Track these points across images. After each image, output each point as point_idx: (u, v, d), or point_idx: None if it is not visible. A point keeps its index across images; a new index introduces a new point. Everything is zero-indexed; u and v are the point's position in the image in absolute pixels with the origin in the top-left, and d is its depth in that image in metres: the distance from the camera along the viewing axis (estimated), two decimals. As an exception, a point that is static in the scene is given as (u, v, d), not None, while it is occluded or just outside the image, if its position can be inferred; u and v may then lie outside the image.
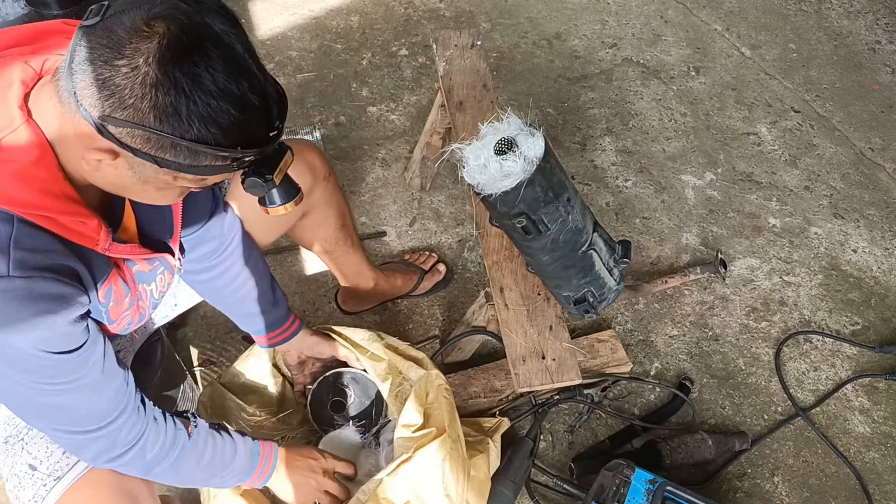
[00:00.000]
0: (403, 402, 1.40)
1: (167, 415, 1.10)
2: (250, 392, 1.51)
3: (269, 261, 1.98)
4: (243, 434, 1.22)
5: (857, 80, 2.71)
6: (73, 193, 0.88)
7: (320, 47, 2.56)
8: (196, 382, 1.75)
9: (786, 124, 2.53)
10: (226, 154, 0.81)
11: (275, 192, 0.96)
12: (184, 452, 1.10)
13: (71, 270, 0.89)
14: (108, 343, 1.01)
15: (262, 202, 0.97)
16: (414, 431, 1.33)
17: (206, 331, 1.85)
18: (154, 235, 1.09)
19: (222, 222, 1.26)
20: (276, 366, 1.54)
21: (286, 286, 1.95)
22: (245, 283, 1.33)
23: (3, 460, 1.16)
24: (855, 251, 2.22)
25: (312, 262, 2.01)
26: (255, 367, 1.52)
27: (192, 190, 0.93)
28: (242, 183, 0.90)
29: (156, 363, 1.58)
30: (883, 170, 2.44)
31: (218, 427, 1.19)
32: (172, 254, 1.12)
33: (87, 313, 0.95)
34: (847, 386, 1.93)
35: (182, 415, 1.15)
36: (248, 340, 1.80)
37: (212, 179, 0.88)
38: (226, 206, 1.28)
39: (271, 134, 0.85)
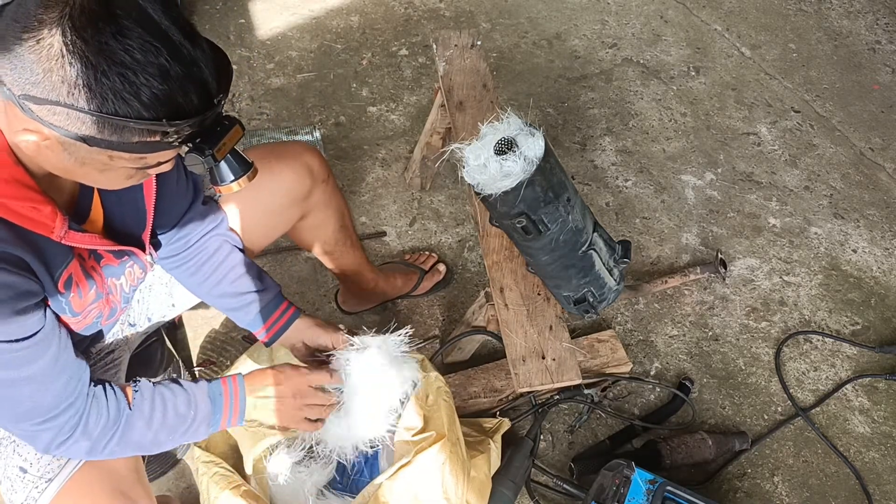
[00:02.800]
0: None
1: (107, 389, 1.05)
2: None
3: (269, 261, 1.99)
4: (206, 379, 1.15)
5: (857, 80, 2.71)
6: (26, 179, 0.86)
7: (320, 47, 2.56)
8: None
9: (786, 124, 2.53)
10: (151, 128, 0.77)
11: (224, 168, 0.91)
12: (130, 421, 1.05)
13: (18, 259, 0.86)
14: (65, 338, 0.98)
15: (213, 181, 0.93)
16: (414, 435, 1.33)
17: (206, 331, 1.85)
18: (124, 229, 1.08)
19: (202, 216, 1.25)
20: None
21: (286, 286, 1.95)
22: (230, 271, 1.29)
23: None
24: (855, 251, 2.22)
25: (312, 263, 2.01)
26: (255, 367, 1.51)
27: (148, 172, 0.89)
28: (185, 160, 0.87)
29: (156, 363, 1.58)
30: (883, 170, 2.44)
31: (168, 383, 1.11)
32: (142, 248, 1.10)
33: (41, 303, 0.93)
34: (847, 386, 1.93)
35: (130, 383, 1.09)
36: (248, 340, 1.80)
37: (152, 158, 0.84)
38: (206, 199, 1.27)
39: (206, 106, 0.81)
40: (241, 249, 1.32)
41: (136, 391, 1.07)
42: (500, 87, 2.48)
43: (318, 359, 1.34)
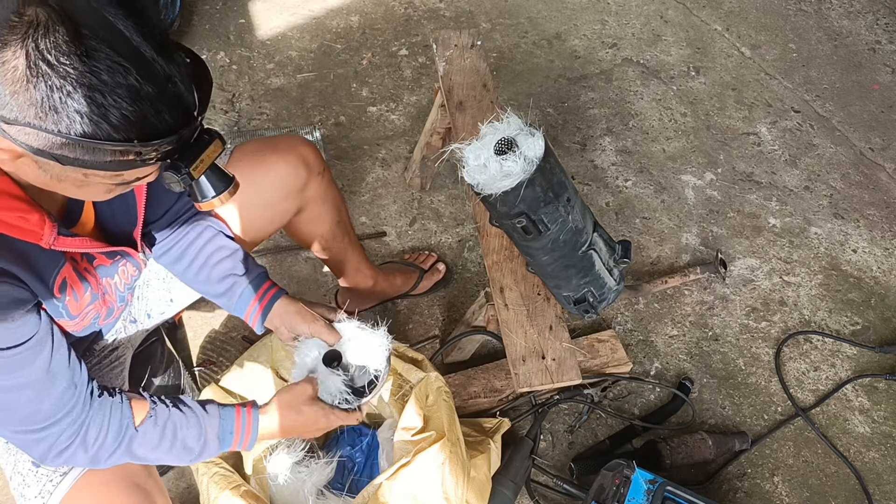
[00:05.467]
0: (403, 404, 1.40)
1: (114, 404, 1.04)
2: (250, 393, 1.51)
3: (269, 261, 1.99)
4: (220, 406, 1.14)
5: (857, 80, 2.71)
6: (12, 189, 0.86)
7: (320, 47, 2.56)
8: (196, 382, 1.75)
9: (786, 124, 2.53)
10: (122, 149, 0.76)
11: (203, 184, 0.89)
12: (133, 442, 1.04)
13: (4, 270, 0.86)
14: (59, 342, 0.98)
15: (192, 198, 0.91)
16: (414, 435, 1.33)
17: (207, 331, 1.85)
18: (116, 229, 1.07)
19: (186, 203, 1.24)
20: (275, 368, 1.53)
21: (286, 287, 1.95)
22: (212, 255, 1.28)
23: (5, 459, 1.16)
24: (855, 251, 2.22)
25: (312, 263, 2.01)
26: (255, 367, 1.51)
27: (130, 185, 0.88)
28: (162, 179, 0.85)
29: (156, 363, 1.58)
30: (883, 170, 2.44)
31: (185, 407, 1.10)
32: (134, 246, 1.10)
33: (34, 309, 0.93)
34: (847, 386, 1.93)
35: (144, 395, 1.09)
36: (248, 340, 1.80)
37: (129, 175, 0.83)
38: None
39: (182, 123, 0.80)
40: (227, 236, 1.31)
41: (151, 416, 1.06)
42: (500, 87, 2.48)
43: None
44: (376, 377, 1.25)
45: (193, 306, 1.48)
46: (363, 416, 1.26)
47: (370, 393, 1.25)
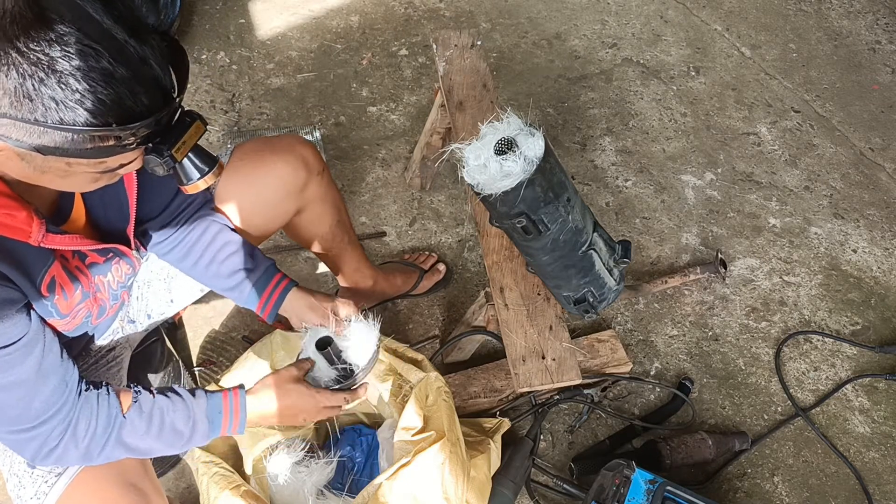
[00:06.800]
0: (403, 404, 1.40)
1: (100, 396, 1.03)
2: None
3: (268, 261, 1.99)
4: (206, 391, 1.14)
5: (857, 80, 2.71)
6: None
7: (320, 47, 2.56)
8: (196, 382, 1.75)
9: (786, 124, 2.53)
10: (101, 134, 0.75)
11: (187, 167, 0.89)
12: (122, 431, 1.04)
13: None
14: (51, 340, 0.97)
15: (178, 181, 0.90)
16: (414, 435, 1.33)
17: (207, 331, 1.85)
18: (108, 226, 1.07)
19: (188, 198, 1.23)
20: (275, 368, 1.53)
21: (286, 286, 1.95)
22: (219, 250, 1.28)
23: (1, 460, 1.16)
24: (855, 251, 2.22)
25: (312, 263, 2.01)
26: (255, 368, 1.51)
27: (118, 173, 0.87)
28: (144, 163, 0.85)
29: (155, 363, 1.58)
30: (883, 170, 2.44)
31: (170, 394, 1.10)
32: (127, 243, 1.10)
33: (24, 308, 0.93)
34: (847, 386, 1.93)
35: (130, 386, 1.09)
36: (248, 340, 1.80)
37: (113, 161, 0.82)
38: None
39: (160, 105, 0.79)
40: (231, 229, 1.31)
41: (136, 402, 1.06)
42: (500, 87, 2.48)
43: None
44: (365, 362, 1.26)
45: (193, 306, 1.48)
46: (353, 400, 1.26)
47: (358, 376, 1.25)
